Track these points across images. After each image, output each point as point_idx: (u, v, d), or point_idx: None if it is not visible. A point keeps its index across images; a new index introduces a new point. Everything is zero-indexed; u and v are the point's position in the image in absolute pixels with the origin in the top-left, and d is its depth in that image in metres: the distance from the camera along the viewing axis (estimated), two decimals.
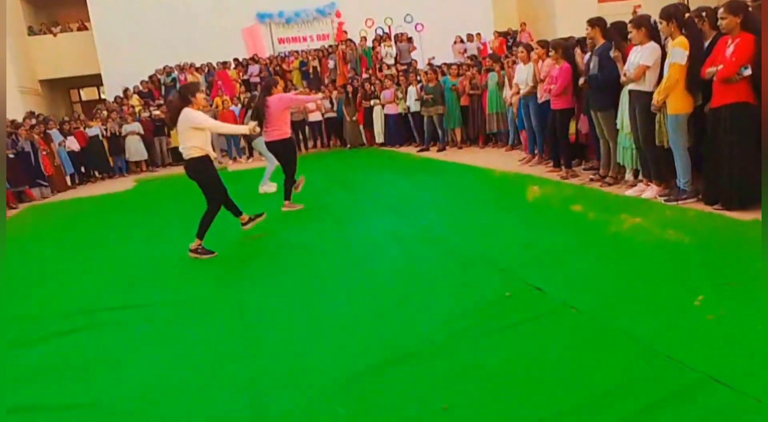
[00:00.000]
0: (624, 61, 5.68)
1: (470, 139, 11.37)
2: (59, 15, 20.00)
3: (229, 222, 5.99)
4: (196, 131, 5.39)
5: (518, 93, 8.32)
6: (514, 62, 9.06)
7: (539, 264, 4.23)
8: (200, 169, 5.45)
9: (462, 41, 17.28)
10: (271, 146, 7.15)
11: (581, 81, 6.37)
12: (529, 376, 2.72)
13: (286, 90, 9.89)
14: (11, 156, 11.00)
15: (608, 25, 6.15)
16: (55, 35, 18.72)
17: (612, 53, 5.87)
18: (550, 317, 3.34)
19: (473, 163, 9.27)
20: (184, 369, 3.26)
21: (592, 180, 6.63)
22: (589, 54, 6.55)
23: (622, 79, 5.64)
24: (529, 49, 8.24)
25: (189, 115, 5.35)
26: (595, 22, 6.25)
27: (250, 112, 9.12)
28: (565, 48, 7.02)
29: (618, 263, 4.08)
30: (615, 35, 5.94)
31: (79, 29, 18.91)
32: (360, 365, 3.02)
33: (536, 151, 8.34)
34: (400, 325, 3.49)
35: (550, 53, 7.27)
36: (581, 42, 7.33)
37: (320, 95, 6.89)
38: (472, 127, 11.11)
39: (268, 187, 8.38)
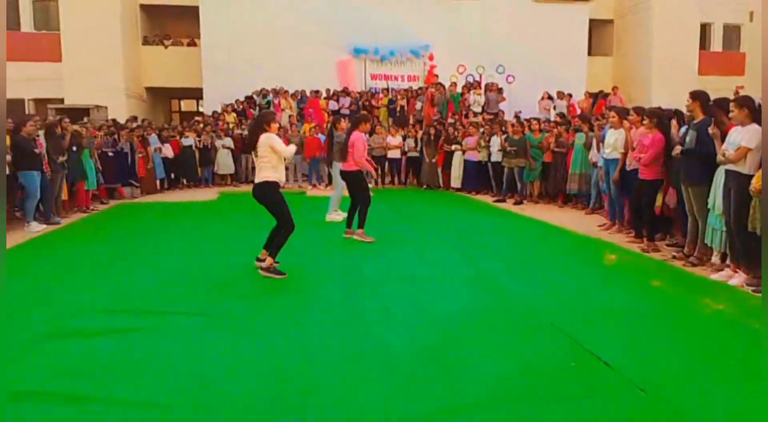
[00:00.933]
0: (722, 139, 5.52)
1: (548, 196, 11.24)
2: (172, 29, 21.43)
3: (299, 244, 6.14)
4: (272, 155, 5.66)
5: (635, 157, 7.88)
6: (603, 125, 8.95)
7: (610, 336, 4.10)
8: (265, 192, 5.72)
9: (549, 98, 17.22)
10: (345, 175, 7.59)
11: (676, 151, 6.20)
12: None
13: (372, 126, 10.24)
14: (110, 154, 11.75)
15: (710, 101, 6.01)
16: (166, 47, 20.00)
17: (710, 129, 5.72)
18: (614, 395, 3.22)
19: (550, 220, 9.14)
20: (228, 381, 3.34)
21: (674, 257, 6.40)
22: (686, 127, 6.40)
23: (720, 157, 5.48)
24: (621, 114, 8.13)
25: (268, 138, 5.65)
26: (697, 96, 6.11)
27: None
28: (660, 117, 6.90)
29: (695, 348, 3.90)
30: (716, 111, 5.80)
31: (188, 45, 20.15)
32: (402, 413, 2.99)
33: (617, 219, 8.14)
34: (450, 375, 3.45)
35: (644, 121, 7.15)
36: (678, 113, 7.20)
37: (369, 167, 7.46)
38: (552, 184, 10.99)
39: (336, 215, 8.60)
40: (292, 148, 5.92)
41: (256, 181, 5.77)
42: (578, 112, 15.49)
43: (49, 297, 5.09)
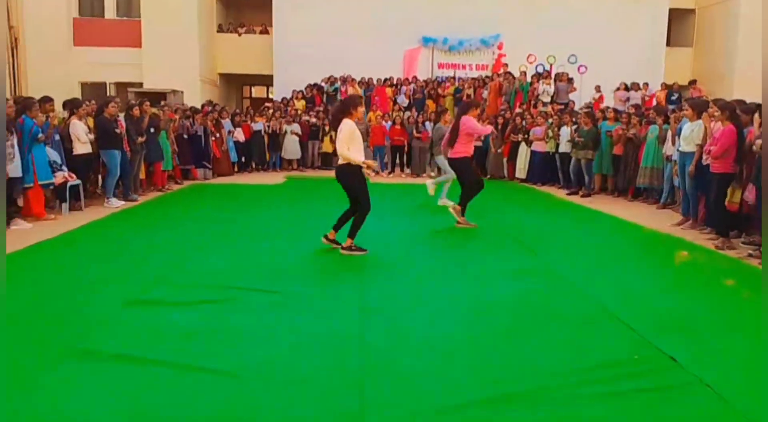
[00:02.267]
0: None
1: (618, 190, 10.92)
2: (246, 17, 21.95)
3: (376, 228, 6.24)
4: (350, 140, 5.78)
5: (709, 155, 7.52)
6: (679, 118, 8.62)
7: (677, 332, 3.99)
8: (348, 174, 5.87)
9: (626, 89, 16.64)
10: (452, 163, 7.67)
11: (757, 144, 5.91)
12: None
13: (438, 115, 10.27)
14: (185, 137, 12.23)
15: None
16: (239, 35, 20.54)
17: None
18: (680, 391, 3.14)
19: (619, 214, 8.89)
20: (296, 357, 3.46)
21: (751, 255, 6.12)
22: None
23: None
24: (695, 107, 7.82)
25: (343, 126, 5.78)
26: None
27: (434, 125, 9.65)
28: (732, 110, 6.62)
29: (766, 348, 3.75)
30: None
31: (261, 32, 20.61)
32: (463, 397, 3.01)
33: (690, 215, 7.84)
34: (507, 364, 3.45)
35: (716, 114, 6.87)
36: (761, 108, 6.85)
37: (491, 128, 7.45)
38: (622, 177, 10.66)
39: (446, 201, 8.68)
40: (357, 156, 5.84)
41: (339, 162, 5.93)
42: (654, 104, 14.91)
43: (129, 269, 5.39)
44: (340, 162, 5.91)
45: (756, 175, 6.20)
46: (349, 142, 5.80)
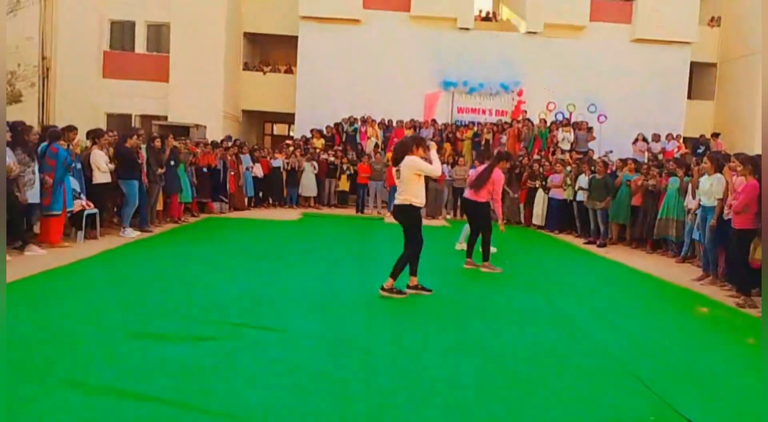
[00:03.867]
0: None
1: (635, 240, 10.76)
2: (271, 56, 22.47)
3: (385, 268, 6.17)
4: (417, 178, 5.87)
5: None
6: (702, 171, 8.52)
7: (695, 392, 3.83)
8: (407, 215, 5.95)
9: (644, 140, 16.60)
10: (478, 208, 7.73)
11: None
12: None
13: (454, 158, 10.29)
14: (204, 170, 12.35)
15: None
16: (264, 73, 20.97)
17: None
18: None
19: (637, 266, 8.72)
20: (295, 398, 3.35)
21: None
22: None
23: None
24: (713, 160, 7.74)
25: (414, 161, 5.85)
26: None
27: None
28: (755, 164, 6.53)
29: None
30: None
31: (285, 72, 21.04)
32: None
33: (710, 270, 7.67)
34: (522, 414, 3.32)
35: (738, 168, 6.78)
36: None
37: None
38: (640, 228, 10.51)
39: (463, 245, 8.62)
40: (437, 165, 6.04)
41: (397, 202, 5.98)
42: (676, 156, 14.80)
43: (135, 300, 5.36)
44: (398, 202, 5.96)
45: None
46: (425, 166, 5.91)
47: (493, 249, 8.30)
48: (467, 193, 7.84)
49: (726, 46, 20.48)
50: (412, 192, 5.88)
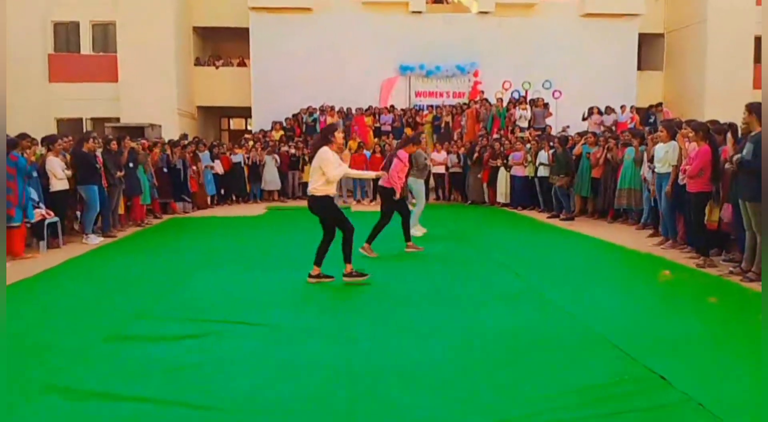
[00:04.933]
0: None
1: (597, 212, 11.05)
2: (223, 50, 22.09)
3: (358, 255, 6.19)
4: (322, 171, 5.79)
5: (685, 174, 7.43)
6: (655, 139, 8.78)
7: (665, 351, 4.00)
8: (323, 207, 5.89)
9: (599, 113, 16.95)
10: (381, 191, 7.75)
11: (729, 163, 6.06)
12: None
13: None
14: (164, 170, 12.14)
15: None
16: (217, 68, 20.61)
17: None
18: (672, 410, 3.14)
19: (601, 236, 8.98)
20: (281, 389, 3.39)
21: (731, 272, 6.19)
22: (742, 140, 6.24)
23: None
24: (669, 128, 7.99)
25: (322, 155, 5.76)
26: (754, 108, 5.95)
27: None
28: (706, 130, 6.79)
29: (755, 363, 3.76)
30: None
31: (238, 65, 20.72)
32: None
33: (669, 234, 7.95)
34: (499, 390, 3.41)
35: (690, 134, 7.03)
36: (733, 127, 7.01)
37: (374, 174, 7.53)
38: (602, 199, 10.79)
39: (417, 229, 8.67)
40: (340, 171, 5.92)
41: (309, 192, 5.93)
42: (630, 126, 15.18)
43: (108, 305, 5.28)
44: (313, 193, 5.88)
45: (732, 194, 6.32)
46: (338, 165, 5.86)
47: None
48: (380, 181, 7.64)
49: (672, 16, 21.00)
50: (319, 181, 5.81)
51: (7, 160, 7.40)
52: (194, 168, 13.05)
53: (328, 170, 5.75)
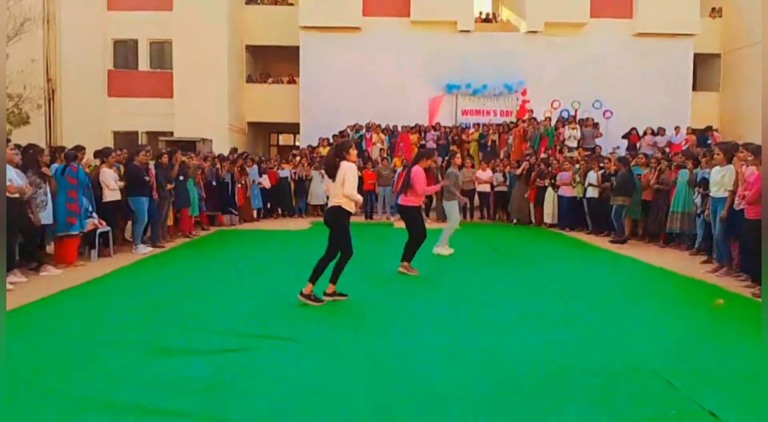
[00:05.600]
0: None
1: (649, 235, 10.71)
2: (273, 68, 22.61)
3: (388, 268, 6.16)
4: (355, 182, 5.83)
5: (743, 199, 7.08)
6: (711, 163, 8.48)
7: (715, 385, 3.80)
8: (337, 220, 5.86)
9: (653, 133, 16.53)
10: (401, 211, 7.60)
11: None
12: None
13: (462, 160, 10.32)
14: (213, 184, 12.42)
15: None
16: (267, 85, 21.11)
17: None
18: None
19: (651, 261, 8.67)
20: (313, 404, 3.36)
21: None
22: None
23: None
24: (727, 150, 7.69)
25: (347, 169, 5.77)
26: None
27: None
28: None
29: None
30: None
31: (288, 82, 21.15)
32: None
33: (724, 261, 7.62)
34: (536, 419, 3.29)
35: (748, 158, 6.75)
36: None
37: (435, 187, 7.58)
38: (653, 222, 10.45)
39: (443, 249, 8.60)
40: (357, 197, 5.88)
41: (330, 204, 5.95)
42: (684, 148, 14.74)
43: (153, 316, 5.38)
44: (333, 204, 5.88)
45: None
46: (355, 184, 5.85)
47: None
48: (399, 199, 7.61)
49: (728, 36, 20.41)
50: (341, 196, 5.79)
51: (69, 170, 7.75)
52: (242, 182, 13.30)
53: (348, 183, 5.74)
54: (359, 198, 5.91)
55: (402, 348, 4.52)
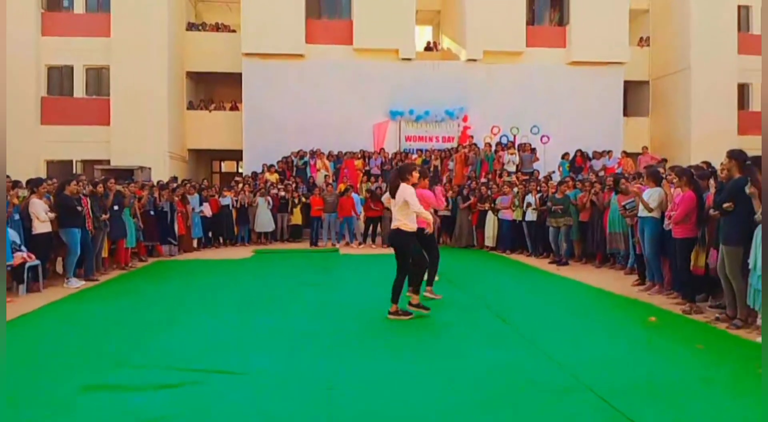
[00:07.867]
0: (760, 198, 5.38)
1: (586, 256, 11.02)
2: (216, 94, 22.37)
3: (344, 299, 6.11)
4: (407, 205, 6.07)
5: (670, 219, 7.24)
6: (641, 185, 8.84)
7: (653, 401, 3.91)
8: (397, 239, 6.23)
9: (584, 158, 17.17)
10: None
11: (713, 209, 6.09)
12: None
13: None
14: (151, 213, 12.07)
15: (747, 160, 5.89)
16: (209, 111, 20.84)
17: (747, 189, 5.59)
18: None
19: (587, 281, 8.92)
20: None
21: (718, 319, 6.13)
22: (723, 186, 6.27)
23: (757, 216, 5.33)
24: (651, 174, 8.05)
25: (407, 190, 6.07)
26: (735, 155, 6.00)
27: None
28: (690, 176, 6.85)
29: (741, 413, 3.67)
30: (754, 171, 5.67)
31: (231, 109, 20.95)
32: None
33: (655, 279, 7.91)
34: None
35: (675, 180, 7.08)
36: (716, 173, 7.08)
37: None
38: (591, 243, 10.78)
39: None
40: (426, 214, 6.22)
41: (393, 226, 6.22)
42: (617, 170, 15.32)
43: (86, 352, 5.15)
44: (399, 227, 6.14)
45: (717, 239, 6.31)
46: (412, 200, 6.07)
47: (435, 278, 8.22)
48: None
49: (656, 64, 21.55)
50: (403, 217, 6.11)
51: None
52: (183, 210, 12.99)
53: (413, 203, 6.02)
54: (429, 216, 6.27)
55: (350, 375, 4.47)
